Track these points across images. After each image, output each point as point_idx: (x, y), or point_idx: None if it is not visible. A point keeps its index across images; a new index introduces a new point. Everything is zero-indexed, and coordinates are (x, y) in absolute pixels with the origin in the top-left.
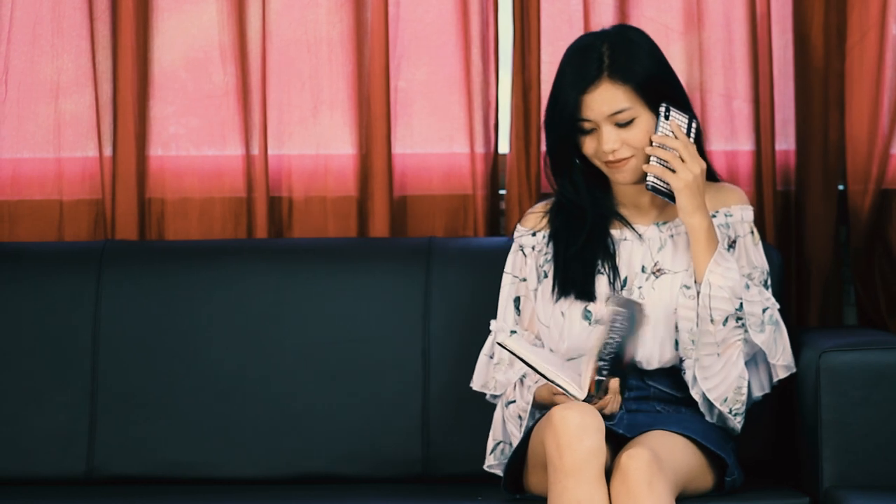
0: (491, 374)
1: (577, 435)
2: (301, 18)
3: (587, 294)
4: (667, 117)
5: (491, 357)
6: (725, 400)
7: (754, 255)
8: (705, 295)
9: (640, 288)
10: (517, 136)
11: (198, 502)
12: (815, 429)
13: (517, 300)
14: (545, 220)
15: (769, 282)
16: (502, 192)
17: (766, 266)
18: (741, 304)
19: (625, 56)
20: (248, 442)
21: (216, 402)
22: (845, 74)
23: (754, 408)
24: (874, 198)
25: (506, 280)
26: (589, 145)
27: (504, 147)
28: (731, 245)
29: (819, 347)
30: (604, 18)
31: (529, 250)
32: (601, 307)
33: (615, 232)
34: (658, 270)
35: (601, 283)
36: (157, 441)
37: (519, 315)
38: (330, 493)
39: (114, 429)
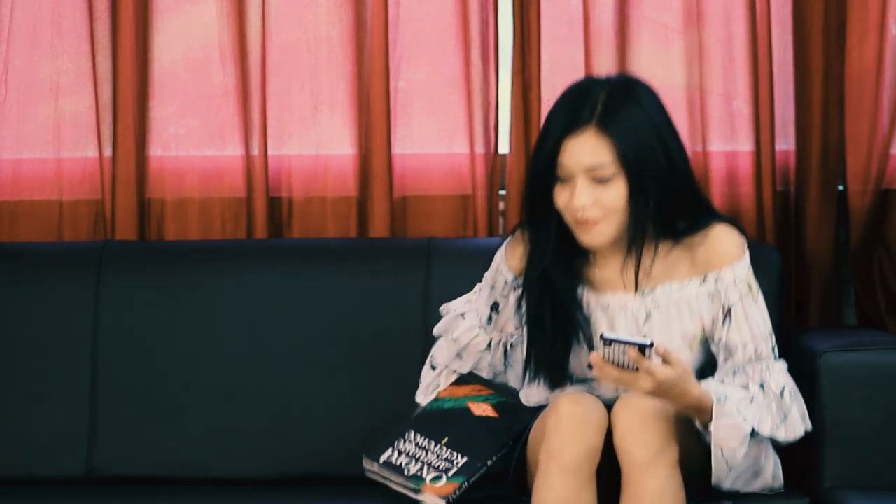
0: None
1: (582, 430)
2: (301, 18)
3: (558, 385)
4: (608, 343)
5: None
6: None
7: (755, 321)
8: (725, 459)
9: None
10: (517, 136)
11: (198, 502)
12: (815, 429)
13: (495, 305)
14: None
15: (775, 347)
16: (502, 192)
17: (768, 328)
18: (753, 432)
19: (620, 108)
20: (248, 442)
21: (216, 402)
22: (845, 74)
23: None
24: (874, 198)
25: (487, 282)
26: (561, 196)
27: (504, 147)
28: (727, 315)
29: (819, 348)
30: (603, 19)
31: (510, 290)
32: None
33: (592, 298)
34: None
35: (580, 357)
36: (157, 441)
37: (497, 315)
38: (330, 493)
39: (114, 429)
